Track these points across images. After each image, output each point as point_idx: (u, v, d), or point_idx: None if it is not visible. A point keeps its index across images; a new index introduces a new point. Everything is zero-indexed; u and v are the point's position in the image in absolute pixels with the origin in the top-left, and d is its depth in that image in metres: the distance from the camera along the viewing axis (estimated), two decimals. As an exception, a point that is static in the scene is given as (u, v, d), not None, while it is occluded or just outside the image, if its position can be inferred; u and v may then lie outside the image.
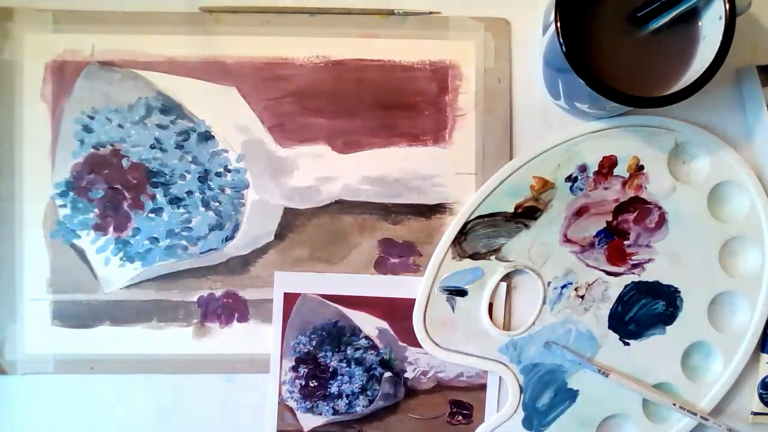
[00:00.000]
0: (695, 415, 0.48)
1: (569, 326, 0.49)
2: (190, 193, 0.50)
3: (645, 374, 0.49)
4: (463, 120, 0.50)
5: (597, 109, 0.47)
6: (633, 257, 0.49)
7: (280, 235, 0.50)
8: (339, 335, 0.50)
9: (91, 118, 0.49)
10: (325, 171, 0.50)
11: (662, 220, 0.49)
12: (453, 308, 0.49)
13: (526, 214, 0.49)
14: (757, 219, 0.49)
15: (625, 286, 0.49)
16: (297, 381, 0.50)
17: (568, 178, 0.49)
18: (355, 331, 0.50)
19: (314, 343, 0.50)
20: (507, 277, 0.49)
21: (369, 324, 0.50)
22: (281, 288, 0.50)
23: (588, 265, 0.49)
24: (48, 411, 0.50)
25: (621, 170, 0.49)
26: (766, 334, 0.50)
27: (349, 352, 0.50)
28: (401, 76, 0.49)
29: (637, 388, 0.48)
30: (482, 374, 0.50)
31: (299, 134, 0.49)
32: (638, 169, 0.49)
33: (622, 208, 0.49)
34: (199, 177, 0.50)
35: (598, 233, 0.49)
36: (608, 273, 0.49)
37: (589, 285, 0.49)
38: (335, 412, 0.50)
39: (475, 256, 0.49)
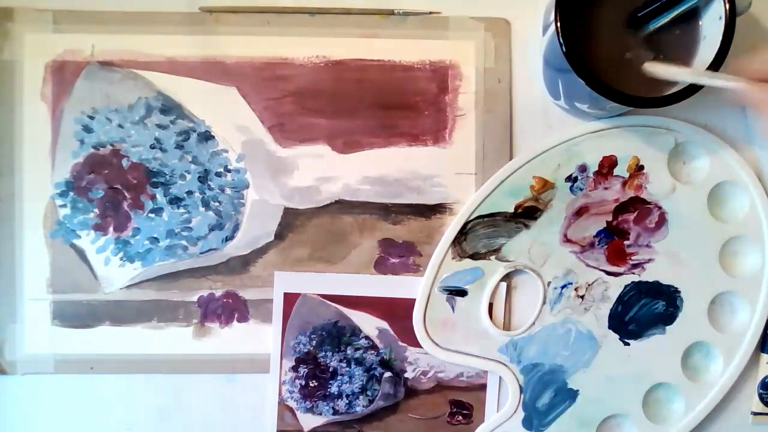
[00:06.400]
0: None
1: (569, 326, 0.49)
2: (190, 193, 0.50)
3: (645, 374, 0.49)
4: (463, 120, 0.50)
5: (597, 109, 0.47)
6: (633, 257, 0.49)
7: (280, 235, 0.50)
8: (339, 335, 0.50)
9: (91, 118, 0.49)
10: (325, 171, 0.50)
11: (662, 220, 0.49)
12: (453, 308, 0.49)
13: (526, 214, 0.49)
14: (757, 219, 0.49)
15: (625, 286, 0.49)
16: (297, 381, 0.50)
17: (568, 178, 0.49)
18: (355, 331, 0.50)
19: (314, 343, 0.50)
20: (507, 277, 0.49)
21: (369, 324, 0.50)
22: (281, 288, 0.50)
23: (588, 265, 0.49)
24: (48, 411, 0.50)
25: (621, 170, 0.49)
26: (766, 334, 0.50)
27: (349, 352, 0.50)
28: (401, 76, 0.49)
29: None
30: (482, 374, 0.50)
31: (299, 134, 0.49)
32: (638, 169, 0.49)
33: (622, 208, 0.49)
34: (199, 177, 0.50)
35: (598, 233, 0.49)
36: (608, 273, 0.49)
37: (589, 285, 0.49)
38: (335, 412, 0.50)
39: (475, 256, 0.49)
